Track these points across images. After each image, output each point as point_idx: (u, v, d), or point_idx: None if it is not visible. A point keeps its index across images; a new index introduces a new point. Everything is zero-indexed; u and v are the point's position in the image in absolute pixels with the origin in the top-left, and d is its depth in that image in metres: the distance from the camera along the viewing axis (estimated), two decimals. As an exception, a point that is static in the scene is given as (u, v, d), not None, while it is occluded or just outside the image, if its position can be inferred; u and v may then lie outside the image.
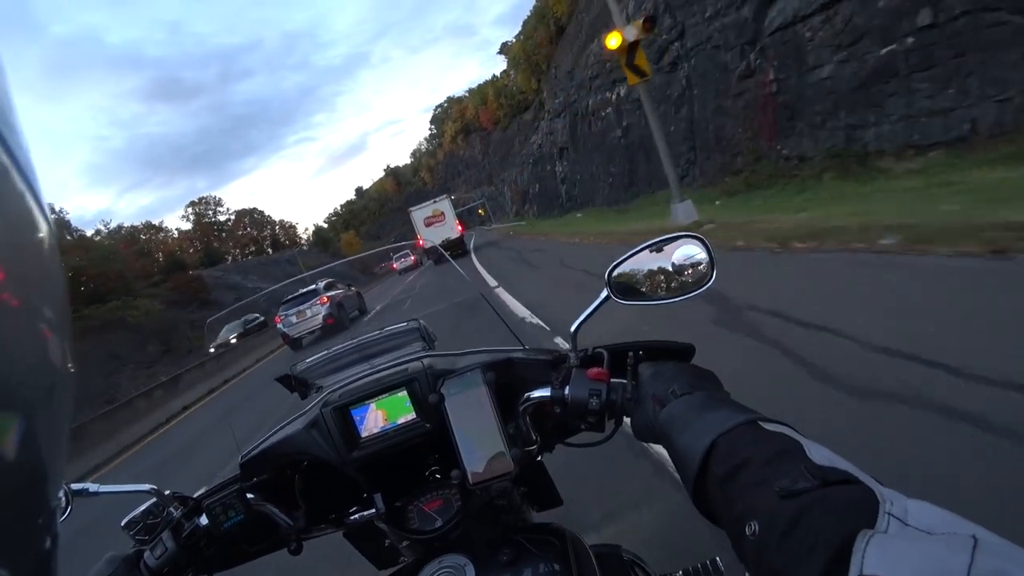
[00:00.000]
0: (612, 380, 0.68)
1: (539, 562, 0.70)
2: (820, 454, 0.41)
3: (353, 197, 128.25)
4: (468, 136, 79.91)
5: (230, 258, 60.04)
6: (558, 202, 31.31)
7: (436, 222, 26.75)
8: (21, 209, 0.19)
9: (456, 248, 25.30)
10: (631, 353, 0.68)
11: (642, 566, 0.92)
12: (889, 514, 0.33)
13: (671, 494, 2.10)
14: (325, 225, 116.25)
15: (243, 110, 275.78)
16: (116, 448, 9.74)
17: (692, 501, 0.49)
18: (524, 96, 52.98)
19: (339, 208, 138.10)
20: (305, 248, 66.24)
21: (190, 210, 61.62)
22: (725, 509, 0.44)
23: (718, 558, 0.96)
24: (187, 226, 61.15)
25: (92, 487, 0.78)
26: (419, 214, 26.88)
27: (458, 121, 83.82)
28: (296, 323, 13.05)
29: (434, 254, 25.55)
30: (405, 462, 0.83)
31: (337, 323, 12.48)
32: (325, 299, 13.02)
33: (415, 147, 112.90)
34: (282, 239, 71.51)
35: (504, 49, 58.38)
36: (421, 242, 26.41)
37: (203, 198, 63.39)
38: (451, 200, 27.41)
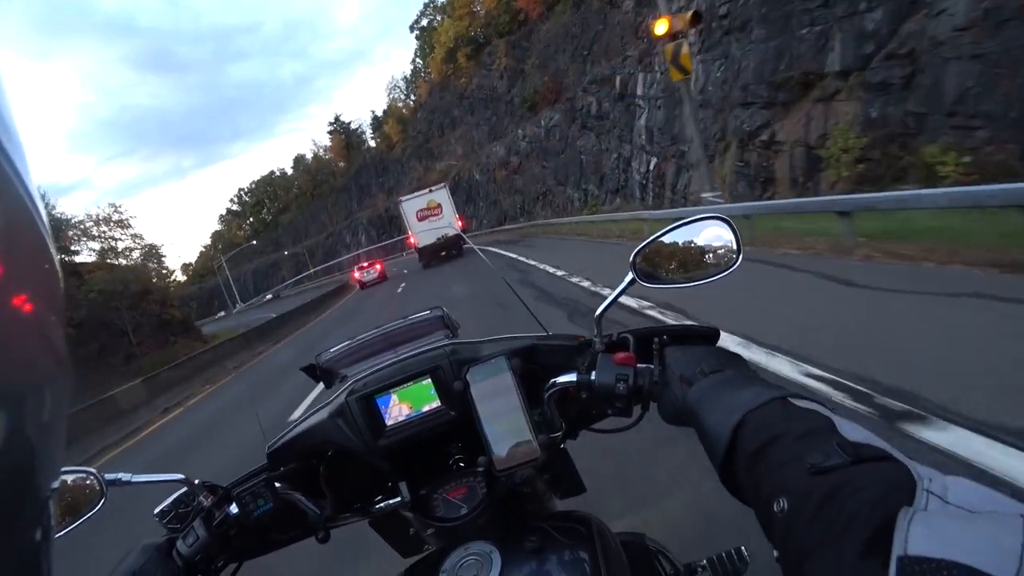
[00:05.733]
0: (638, 365, 0.74)
1: (565, 549, 0.75)
2: (852, 430, 0.44)
3: (290, 169, 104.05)
4: (481, 50, 50.04)
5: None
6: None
7: (431, 215, 24.71)
8: (18, 209, 0.21)
9: (453, 248, 24.07)
10: (657, 337, 0.75)
11: (666, 554, 1.00)
12: (928, 491, 0.33)
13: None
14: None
15: (236, 93, 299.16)
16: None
17: (720, 479, 0.53)
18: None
19: (244, 193, 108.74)
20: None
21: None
22: (754, 486, 0.46)
23: (743, 547, 1.04)
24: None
25: (125, 477, 0.84)
26: (411, 205, 25.08)
27: (463, 20, 52.17)
28: None
29: (426, 255, 24.53)
30: (429, 450, 0.91)
31: None
32: None
33: (390, 87, 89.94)
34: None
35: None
36: (412, 240, 24.98)
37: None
38: (448, 190, 26.09)
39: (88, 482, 0.82)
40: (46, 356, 0.22)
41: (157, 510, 0.85)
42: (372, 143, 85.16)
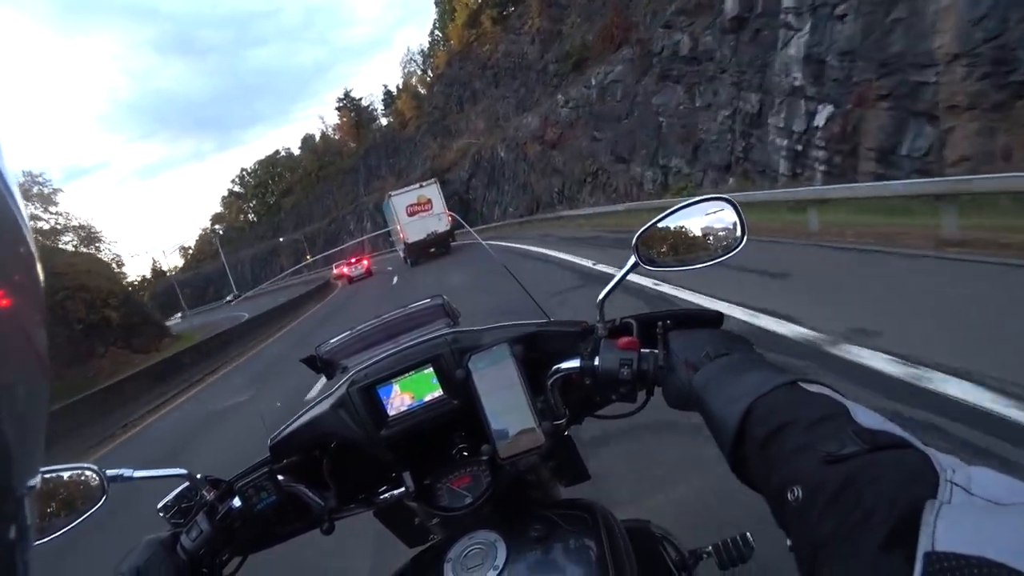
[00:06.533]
0: (642, 350, 0.74)
1: (570, 537, 0.75)
2: (867, 417, 0.43)
3: (297, 149, 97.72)
4: (509, 12, 44.19)
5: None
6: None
7: (421, 211, 24.46)
8: (1, 214, 0.21)
9: (442, 245, 24.57)
10: (660, 322, 0.74)
11: (672, 541, 1.00)
12: (952, 482, 0.32)
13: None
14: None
15: (255, 78, 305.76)
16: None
17: (729, 466, 0.52)
18: None
19: (248, 173, 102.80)
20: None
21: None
22: (765, 474, 0.46)
23: (748, 533, 1.02)
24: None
25: (127, 472, 0.83)
26: (401, 200, 24.82)
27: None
28: None
29: (414, 252, 24.42)
30: (432, 440, 0.92)
31: None
32: None
33: (405, 60, 78.50)
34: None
35: None
36: (403, 235, 24.58)
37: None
38: (439, 186, 26.24)
39: (89, 478, 0.81)
40: (25, 352, 0.22)
41: (160, 505, 0.85)
42: (384, 120, 78.36)
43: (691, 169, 16.69)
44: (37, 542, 0.80)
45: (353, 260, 30.44)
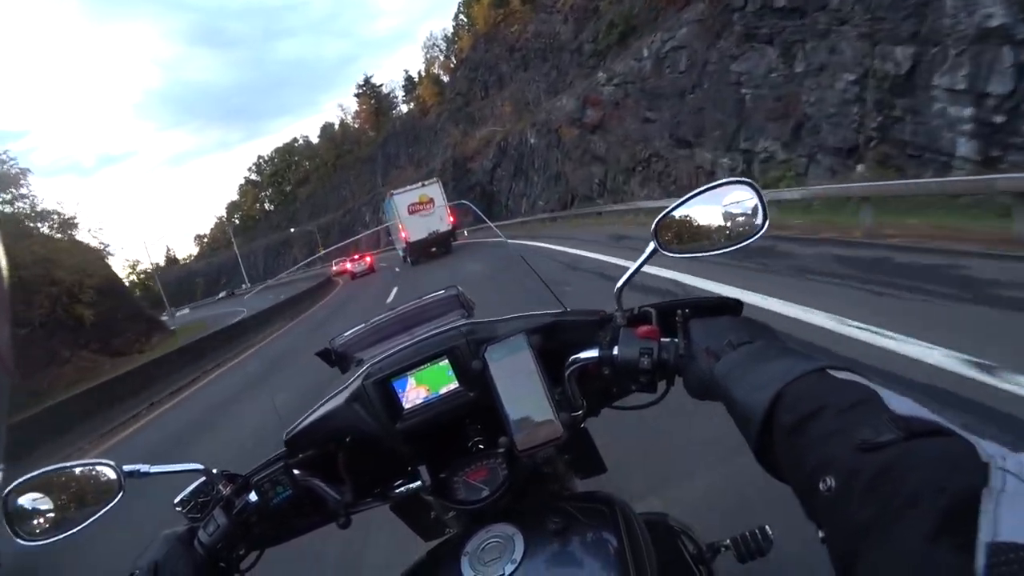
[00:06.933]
0: (662, 339, 0.73)
1: (588, 530, 0.74)
2: (900, 403, 0.41)
3: (316, 138, 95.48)
4: None
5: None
6: None
7: (422, 210, 24.56)
8: None
9: (443, 245, 24.84)
10: (679, 310, 0.74)
11: (690, 534, 0.99)
12: (1004, 470, 0.31)
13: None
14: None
15: (282, 69, 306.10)
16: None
17: (755, 456, 0.50)
18: None
19: (264, 161, 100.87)
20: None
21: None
22: (793, 463, 0.45)
23: (767, 526, 1.03)
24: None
25: (143, 468, 0.83)
26: (403, 199, 24.93)
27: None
28: None
29: (416, 251, 24.66)
30: (448, 433, 0.91)
31: None
32: None
33: (427, 45, 74.48)
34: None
35: None
36: (404, 234, 24.63)
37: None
38: (441, 185, 26.18)
39: (106, 474, 0.81)
40: None
41: (177, 500, 0.86)
42: (404, 108, 75.99)
43: (789, 154, 12.77)
44: (57, 536, 0.77)
45: (356, 256, 32.36)
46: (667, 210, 0.75)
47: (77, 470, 0.82)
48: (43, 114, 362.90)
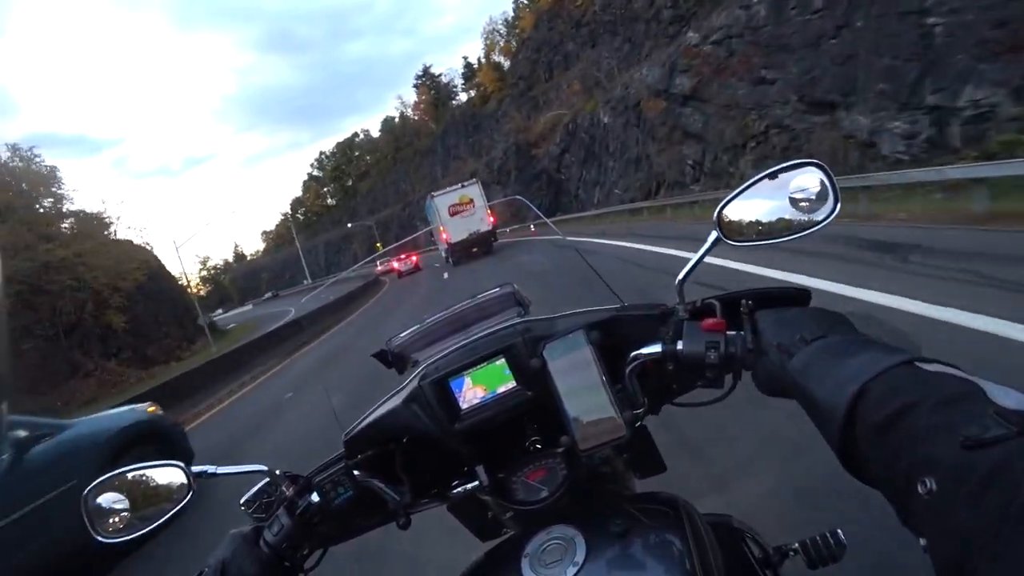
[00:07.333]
0: (728, 332, 0.70)
1: (651, 533, 0.72)
2: (1005, 395, 0.38)
3: (377, 132, 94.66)
4: None
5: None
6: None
7: (463, 211, 24.73)
8: None
9: (484, 245, 24.73)
10: (744, 301, 0.71)
11: (755, 537, 0.95)
12: None
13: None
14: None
15: (349, 69, 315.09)
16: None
17: (838, 457, 0.47)
18: None
19: (325, 157, 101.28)
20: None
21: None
22: (884, 464, 0.41)
23: (839, 530, 0.96)
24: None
25: (210, 469, 0.84)
26: (443, 200, 25.14)
27: None
28: None
29: (457, 252, 24.82)
30: (505, 432, 0.89)
31: None
32: None
33: (487, 30, 71.57)
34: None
35: None
36: (445, 235, 24.99)
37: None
38: (480, 186, 26.33)
39: (176, 474, 0.83)
40: None
41: (243, 500, 0.87)
42: (464, 96, 73.90)
43: (1022, 107, 8.75)
44: (133, 535, 0.80)
45: (403, 256, 34.32)
46: (729, 197, 0.73)
47: (150, 470, 0.84)
48: (136, 122, 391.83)
